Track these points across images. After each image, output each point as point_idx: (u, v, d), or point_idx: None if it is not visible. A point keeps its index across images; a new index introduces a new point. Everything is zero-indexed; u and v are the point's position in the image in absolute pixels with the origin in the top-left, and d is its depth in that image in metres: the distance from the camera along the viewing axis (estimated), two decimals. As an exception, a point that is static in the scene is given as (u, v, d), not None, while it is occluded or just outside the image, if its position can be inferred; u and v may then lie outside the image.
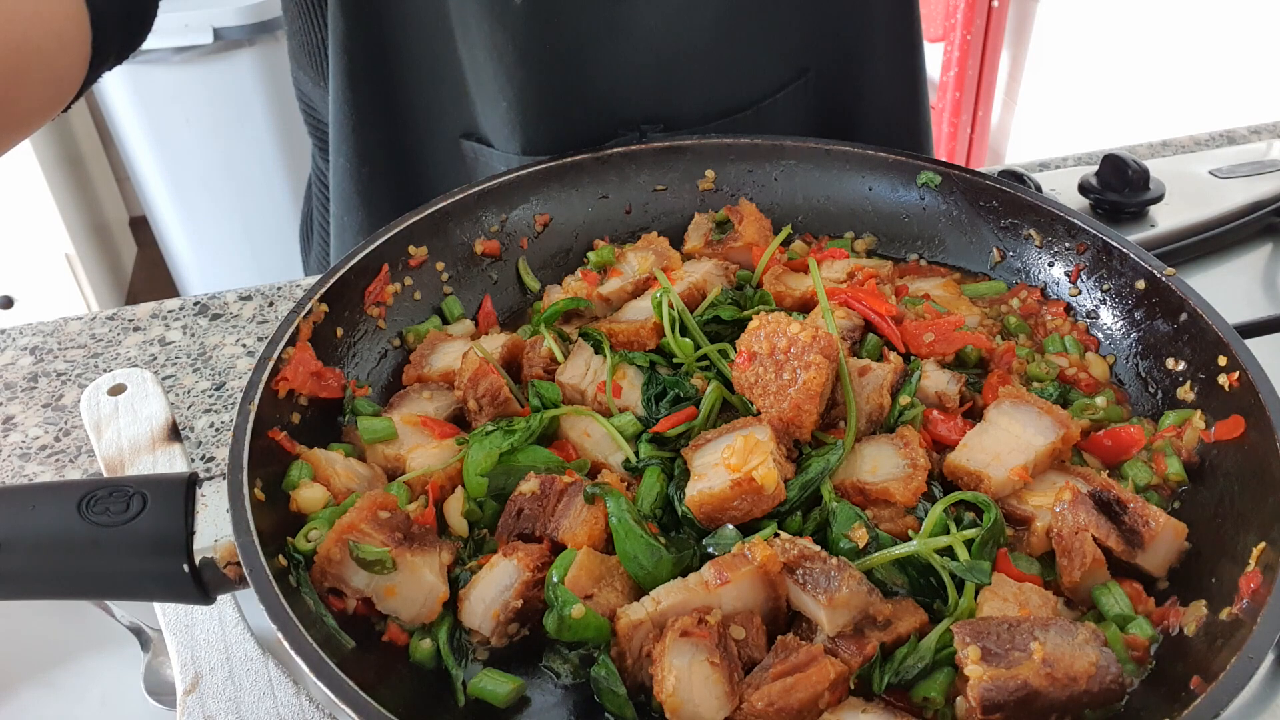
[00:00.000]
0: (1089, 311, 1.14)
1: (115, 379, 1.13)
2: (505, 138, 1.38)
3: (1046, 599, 0.85)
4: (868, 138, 1.52)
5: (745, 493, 0.87)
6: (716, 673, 0.78)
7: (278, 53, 3.41)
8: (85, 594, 0.89)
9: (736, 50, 1.39)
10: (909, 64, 1.60)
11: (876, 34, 1.52)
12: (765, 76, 1.45)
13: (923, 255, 1.26)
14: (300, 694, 0.90)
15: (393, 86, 1.41)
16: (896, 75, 1.59)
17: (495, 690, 0.83)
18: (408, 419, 1.01)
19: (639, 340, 1.07)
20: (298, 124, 1.75)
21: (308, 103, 1.62)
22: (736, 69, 1.42)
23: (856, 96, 1.55)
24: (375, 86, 1.41)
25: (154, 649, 1.00)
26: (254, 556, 0.80)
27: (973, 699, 0.75)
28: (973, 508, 0.91)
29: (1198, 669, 0.76)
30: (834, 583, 0.81)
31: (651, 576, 0.85)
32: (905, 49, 1.58)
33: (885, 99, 1.59)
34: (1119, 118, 3.17)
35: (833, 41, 1.48)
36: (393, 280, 1.14)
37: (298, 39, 1.54)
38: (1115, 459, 0.99)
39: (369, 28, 1.36)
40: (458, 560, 0.91)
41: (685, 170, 1.30)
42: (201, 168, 3.54)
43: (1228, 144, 1.70)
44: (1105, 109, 3.24)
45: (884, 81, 1.57)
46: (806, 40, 1.45)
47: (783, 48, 1.45)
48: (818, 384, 0.91)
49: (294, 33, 1.54)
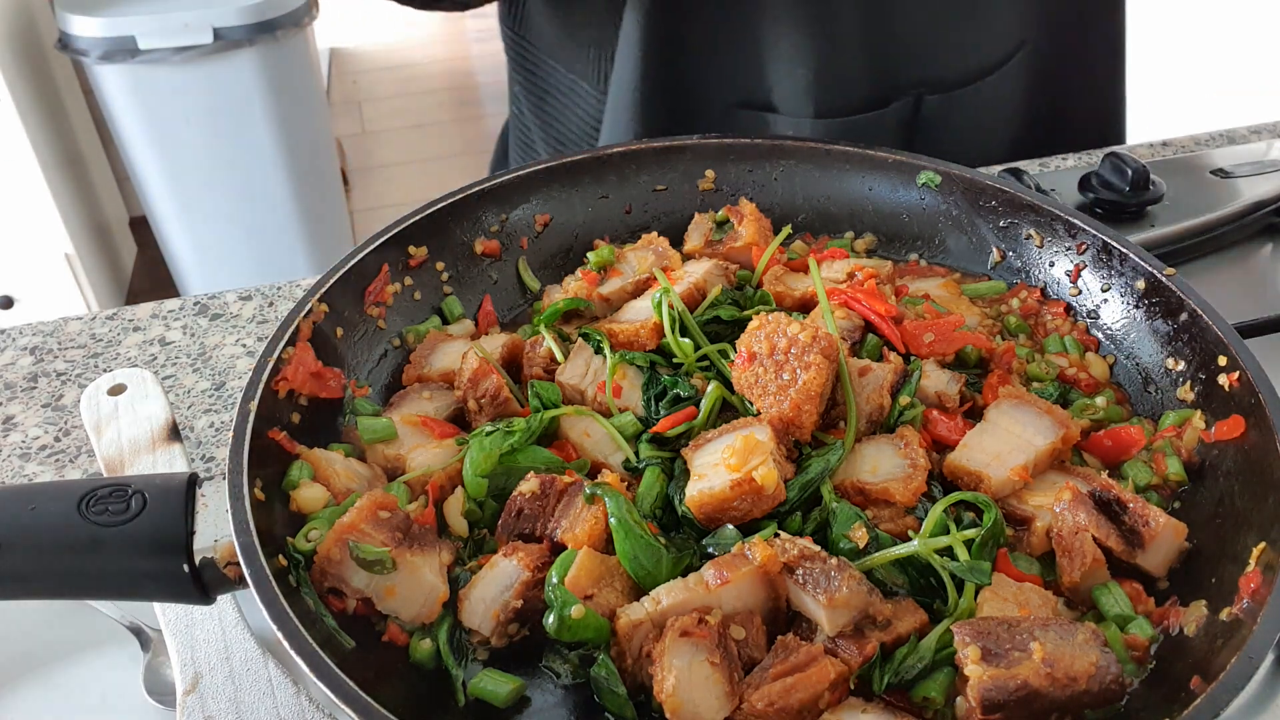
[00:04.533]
0: (1089, 311, 1.14)
1: (115, 379, 1.13)
2: (799, 104, 1.53)
3: (1046, 599, 0.85)
4: (1074, 111, 1.73)
5: (745, 493, 0.87)
6: (716, 673, 0.78)
7: (278, 53, 3.41)
8: (85, 594, 0.89)
9: (978, 19, 1.59)
10: (1114, 40, 1.75)
11: (1091, 7, 1.69)
12: (996, 46, 1.63)
13: (923, 255, 1.26)
14: (300, 694, 0.90)
15: (682, 57, 1.54)
16: (1102, 49, 1.75)
17: (495, 690, 0.83)
18: (408, 419, 1.01)
19: (639, 340, 1.07)
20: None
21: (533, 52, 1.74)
22: (978, 36, 1.61)
23: (1067, 72, 1.71)
24: (666, 57, 1.53)
25: (154, 649, 1.00)
26: (254, 556, 0.80)
27: (973, 699, 0.75)
28: (973, 508, 0.91)
29: (1198, 669, 0.76)
30: (834, 583, 0.81)
31: (651, 576, 0.85)
32: (1112, 24, 1.74)
33: (1091, 73, 1.75)
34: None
35: (1051, 13, 1.65)
36: (393, 280, 1.14)
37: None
38: (1115, 459, 0.99)
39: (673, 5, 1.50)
40: (458, 560, 0.91)
41: (685, 170, 1.30)
42: (201, 168, 3.54)
43: (1228, 144, 1.70)
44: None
45: (1093, 55, 1.74)
46: (1027, 11, 1.62)
47: (1008, 17, 1.62)
48: (818, 384, 0.91)
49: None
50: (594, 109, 1.70)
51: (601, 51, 1.64)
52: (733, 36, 1.54)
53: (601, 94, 1.67)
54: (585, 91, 1.70)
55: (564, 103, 1.74)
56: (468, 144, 5.38)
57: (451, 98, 5.80)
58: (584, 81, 1.70)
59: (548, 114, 1.79)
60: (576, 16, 1.65)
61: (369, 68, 6.02)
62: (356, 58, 6.10)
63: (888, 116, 1.61)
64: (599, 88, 1.68)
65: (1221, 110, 2.67)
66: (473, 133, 5.49)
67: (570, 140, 1.76)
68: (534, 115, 1.82)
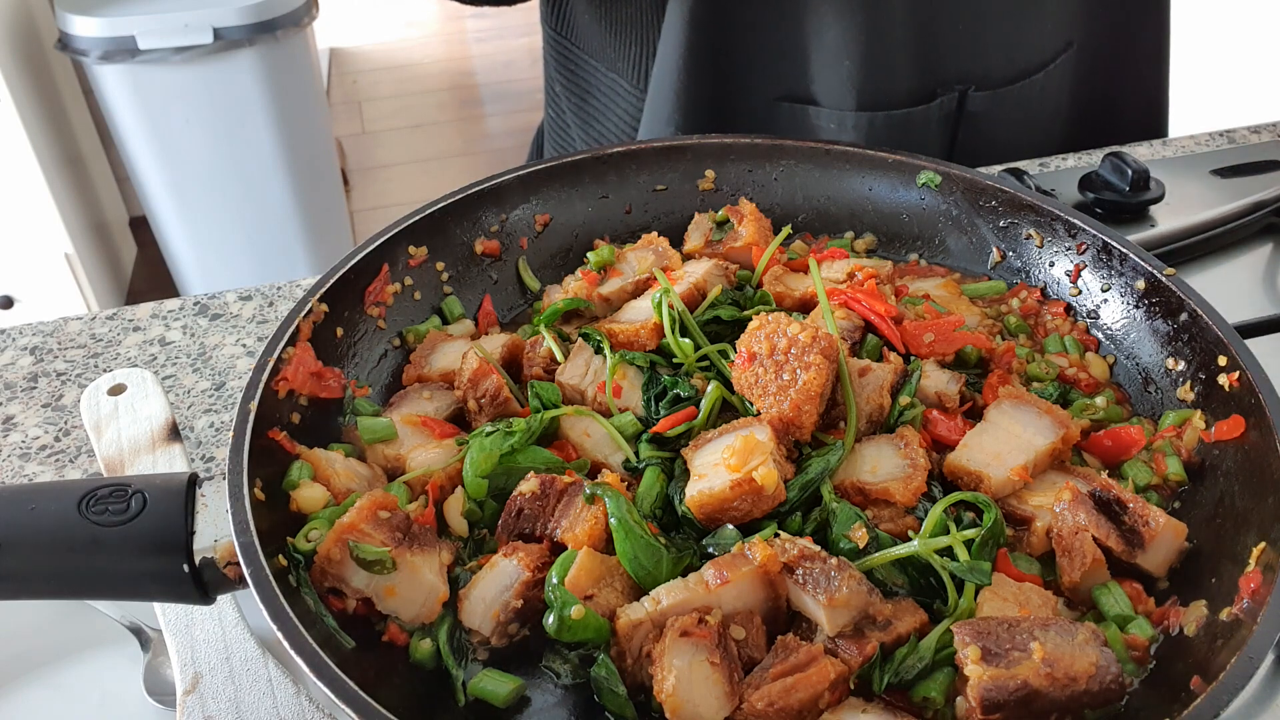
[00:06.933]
0: (1089, 311, 1.14)
1: (115, 379, 1.13)
2: (841, 96, 1.53)
3: (1046, 599, 0.85)
4: (1119, 111, 1.75)
5: (745, 493, 0.87)
6: (716, 673, 0.78)
7: (278, 53, 3.41)
8: (85, 594, 0.89)
9: (1025, 17, 1.59)
10: (1159, 39, 1.76)
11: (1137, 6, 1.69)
12: (1043, 45, 1.64)
13: (923, 255, 1.26)
14: (300, 694, 0.90)
15: (725, 49, 1.55)
16: (1149, 49, 1.75)
17: (495, 690, 0.83)
18: (408, 419, 1.01)
19: (639, 340, 1.07)
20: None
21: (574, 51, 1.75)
22: (1025, 34, 1.61)
23: (1113, 72, 1.73)
24: (708, 51, 1.54)
25: (154, 649, 1.00)
26: (254, 556, 0.80)
27: (973, 699, 0.75)
28: (973, 508, 0.91)
29: (1198, 669, 0.76)
30: (834, 583, 0.81)
31: (651, 576, 0.85)
32: (1159, 23, 1.74)
33: (1137, 73, 1.76)
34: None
35: (1101, 14, 1.66)
36: (393, 280, 1.14)
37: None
38: (1115, 459, 0.99)
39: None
40: (458, 560, 0.91)
41: (685, 170, 1.30)
42: (201, 168, 3.54)
43: (1228, 144, 1.70)
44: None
45: (1139, 55, 1.75)
46: (1077, 11, 1.64)
47: (1056, 16, 1.62)
48: (818, 384, 0.91)
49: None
50: (634, 107, 1.71)
51: (644, 49, 1.64)
52: (777, 27, 1.54)
53: (641, 92, 1.68)
54: (625, 90, 1.71)
55: (604, 102, 1.75)
56: (468, 144, 5.38)
57: (451, 98, 5.80)
58: (623, 80, 1.70)
59: (588, 113, 1.80)
60: (621, 14, 1.65)
61: (369, 68, 6.03)
62: (356, 58, 6.10)
63: (932, 111, 1.61)
64: (639, 86, 1.68)
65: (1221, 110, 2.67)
66: (473, 133, 5.50)
67: (610, 139, 1.77)
68: (574, 114, 1.82)
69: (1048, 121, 1.74)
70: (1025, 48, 1.63)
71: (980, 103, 1.63)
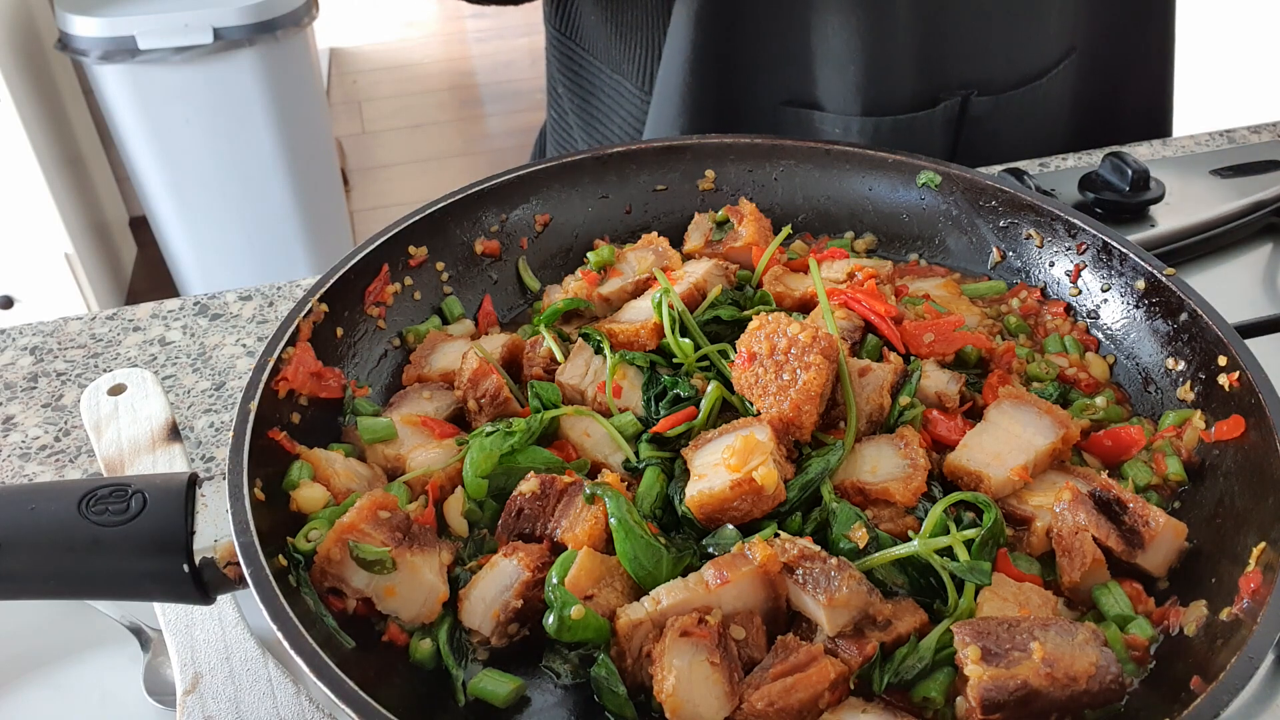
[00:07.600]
0: (1089, 311, 1.14)
1: (115, 379, 1.13)
2: (847, 101, 1.55)
3: (1046, 599, 0.85)
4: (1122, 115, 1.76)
5: (745, 493, 0.87)
6: (716, 673, 0.78)
7: (278, 53, 3.41)
8: (85, 594, 0.89)
9: (1029, 22, 1.61)
10: (1164, 43, 1.77)
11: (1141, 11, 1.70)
12: (1046, 51, 1.65)
13: (923, 255, 1.26)
14: (300, 694, 0.90)
15: (731, 54, 1.56)
16: (1152, 53, 1.77)
17: (495, 690, 0.83)
18: (408, 419, 1.01)
19: (639, 340, 1.07)
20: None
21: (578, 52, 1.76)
22: (1028, 39, 1.63)
23: (1117, 77, 1.74)
24: (714, 54, 1.55)
25: (154, 649, 1.00)
26: (254, 556, 0.80)
27: (973, 699, 0.75)
28: (973, 508, 0.91)
29: (1198, 669, 0.76)
30: (834, 583, 0.81)
31: (651, 576, 0.85)
32: (1163, 28, 1.75)
33: (1141, 78, 1.78)
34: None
35: (1104, 19, 1.68)
36: (393, 280, 1.14)
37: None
38: (1115, 459, 0.99)
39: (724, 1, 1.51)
40: (458, 560, 0.91)
41: (685, 170, 1.30)
42: (201, 168, 3.54)
43: (1228, 144, 1.70)
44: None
45: (1143, 59, 1.76)
46: (1080, 17, 1.65)
47: (1060, 21, 1.63)
48: (818, 384, 0.91)
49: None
50: (638, 109, 1.71)
51: (649, 52, 1.65)
52: (782, 32, 1.55)
53: (645, 94, 1.68)
54: (629, 92, 1.71)
55: (608, 104, 1.76)
56: (468, 144, 5.38)
57: (451, 98, 5.80)
58: (628, 82, 1.71)
59: (592, 114, 1.80)
60: (627, 16, 1.65)
61: (369, 68, 6.03)
62: (356, 58, 6.10)
63: (935, 116, 1.62)
64: (644, 88, 1.69)
65: (1221, 110, 2.67)
66: (473, 133, 5.50)
67: (613, 140, 1.77)
68: (577, 116, 1.83)
69: (1050, 126, 1.74)
70: (1028, 53, 1.64)
71: (983, 108, 1.63)
